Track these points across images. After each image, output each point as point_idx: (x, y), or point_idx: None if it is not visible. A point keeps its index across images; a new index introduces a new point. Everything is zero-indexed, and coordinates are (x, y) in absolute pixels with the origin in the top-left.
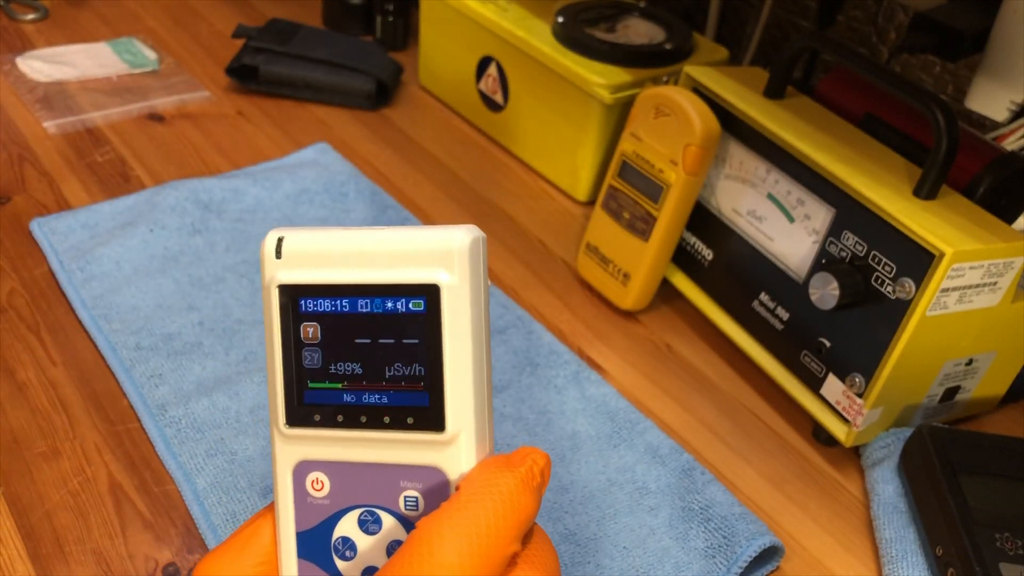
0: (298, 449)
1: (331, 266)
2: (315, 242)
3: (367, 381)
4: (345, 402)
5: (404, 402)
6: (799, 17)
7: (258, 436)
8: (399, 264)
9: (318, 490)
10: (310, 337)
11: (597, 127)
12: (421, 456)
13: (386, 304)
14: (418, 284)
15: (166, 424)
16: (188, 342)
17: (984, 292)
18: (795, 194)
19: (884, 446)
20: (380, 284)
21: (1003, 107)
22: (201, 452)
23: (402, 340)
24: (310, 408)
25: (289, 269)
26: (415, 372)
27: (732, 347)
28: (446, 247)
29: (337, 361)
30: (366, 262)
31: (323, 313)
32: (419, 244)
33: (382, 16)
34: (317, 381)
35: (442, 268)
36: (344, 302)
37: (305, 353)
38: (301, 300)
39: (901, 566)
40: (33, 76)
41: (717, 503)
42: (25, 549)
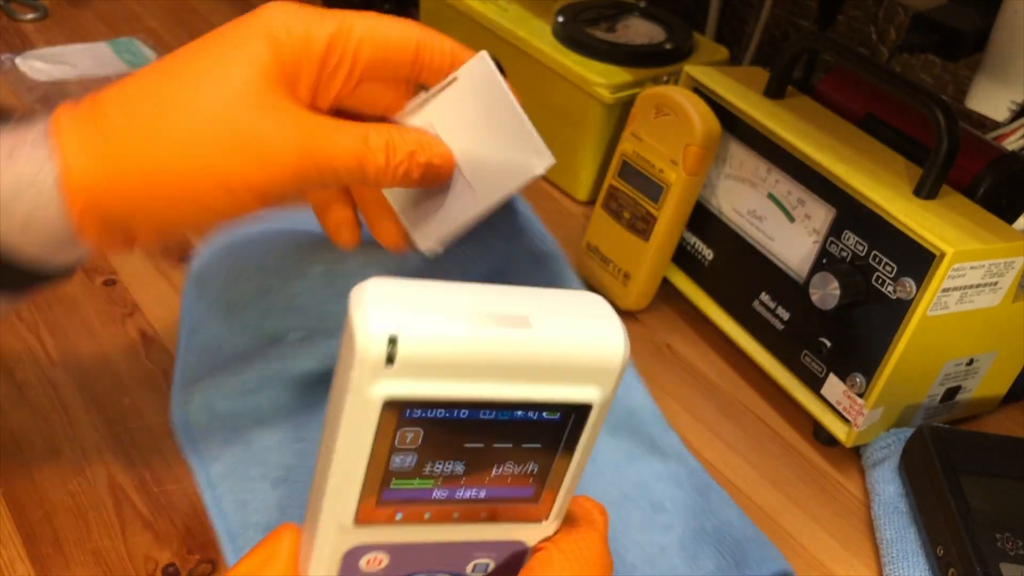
0: (358, 537)
1: (457, 377)
2: (442, 347)
3: (467, 479)
4: (435, 499)
5: (507, 495)
6: (799, 17)
7: (275, 427)
8: (543, 378)
9: (372, 567)
10: (407, 443)
11: (597, 127)
12: (505, 534)
13: (515, 414)
14: (567, 403)
15: (191, 411)
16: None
17: (985, 292)
18: (795, 194)
19: (885, 446)
20: (517, 401)
21: (1003, 107)
22: (218, 440)
23: (521, 444)
24: (389, 505)
25: (403, 380)
26: (528, 470)
27: (732, 347)
28: (604, 363)
29: (436, 461)
30: (504, 374)
31: (431, 419)
32: (571, 356)
33: None
34: (404, 480)
35: (595, 386)
36: (463, 412)
37: (395, 459)
38: (407, 410)
39: (902, 566)
40: (33, 76)
41: (731, 525)
42: (25, 549)
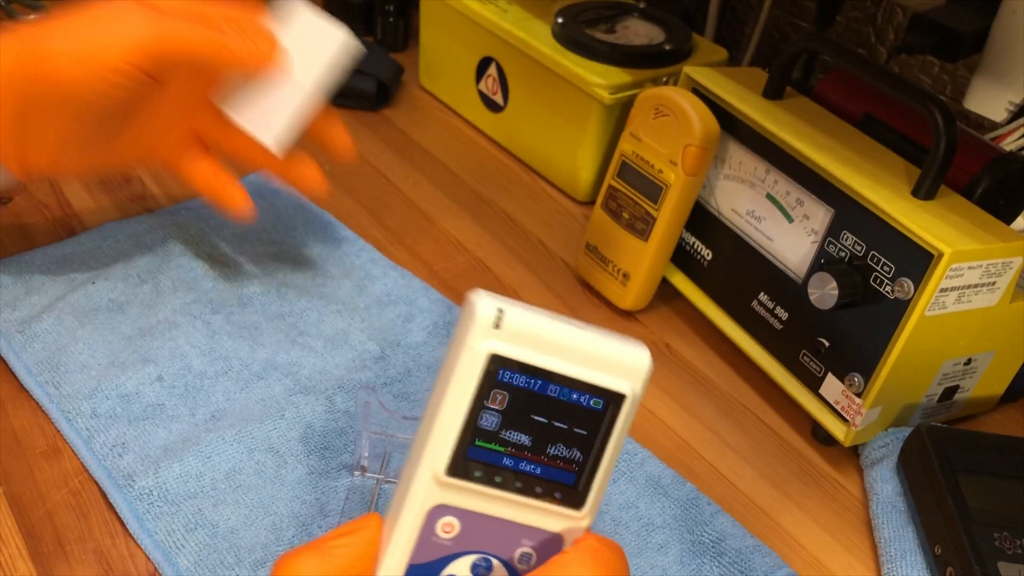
0: (442, 494)
1: (541, 350)
2: (533, 325)
3: (530, 452)
4: (505, 465)
5: (556, 477)
6: (798, 18)
7: (238, 504)
8: (594, 365)
9: (447, 532)
10: (496, 403)
11: (597, 127)
12: (549, 523)
13: (571, 395)
14: (609, 389)
15: (136, 498)
16: (149, 403)
17: (983, 292)
18: (794, 194)
19: (883, 445)
20: (575, 379)
21: (1002, 107)
22: (179, 527)
23: (572, 427)
24: (472, 463)
25: (504, 342)
26: (573, 455)
27: (732, 347)
28: (637, 365)
29: (510, 429)
30: (568, 356)
31: (515, 386)
32: (615, 353)
33: (382, 17)
34: (485, 441)
35: (629, 381)
36: (537, 382)
37: (484, 415)
38: (501, 370)
39: (900, 565)
40: None
41: (729, 535)
42: (26, 548)
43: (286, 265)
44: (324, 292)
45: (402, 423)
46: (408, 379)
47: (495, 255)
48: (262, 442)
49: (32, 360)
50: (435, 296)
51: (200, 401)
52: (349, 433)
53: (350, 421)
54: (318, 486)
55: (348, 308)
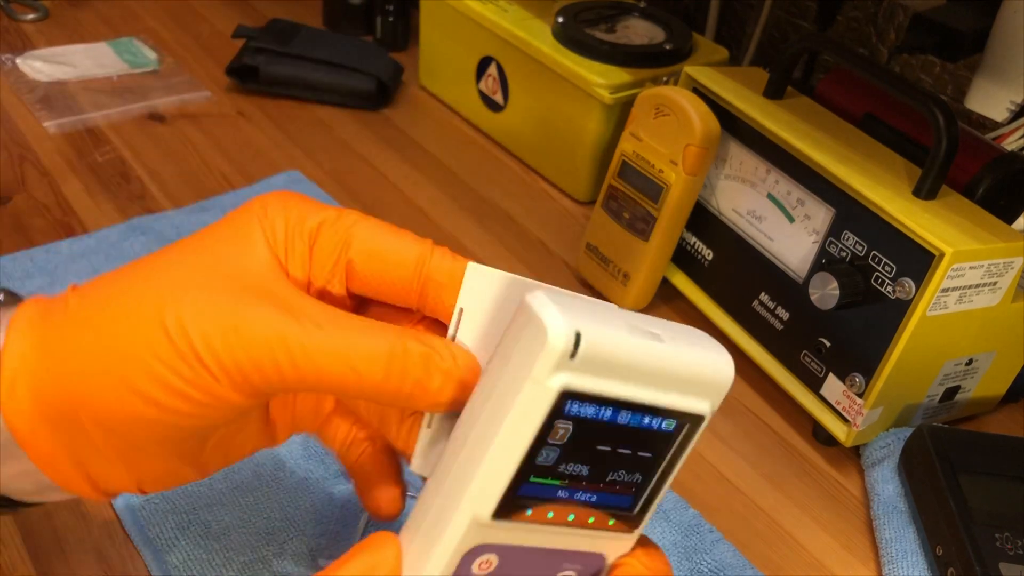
0: (484, 534)
1: (617, 377)
2: (612, 348)
3: (587, 482)
4: (558, 498)
5: (611, 503)
6: (799, 17)
7: (233, 505)
8: (674, 387)
9: (483, 570)
10: (558, 438)
11: (597, 127)
12: (595, 545)
13: (643, 420)
14: (687, 412)
15: (132, 494)
16: None
17: (984, 292)
18: (795, 194)
19: (884, 446)
20: (651, 405)
21: (1003, 107)
22: (172, 525)
23: (637, 452)
24: (523, 501)
25: (579, 374)
26: (634, 479)
27: (732, 347)
28: (719, 380)
29: (570, 462)
30: (647, 380)
31: (581, 418)
32: (697, 370)
33: (382, 16)
34: (540, 477)
35: (709, 400)
36: (608, 411)
37: (544, 451)
38: (570, 402)
39: (901, 566)
40: (33, 76)
41: (728, 566)
42: (26, 548)
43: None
44: None
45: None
46: None
47: (495, 255)
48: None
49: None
50: None
51: None
52: None
53: None
54: (314, 492)
55: None
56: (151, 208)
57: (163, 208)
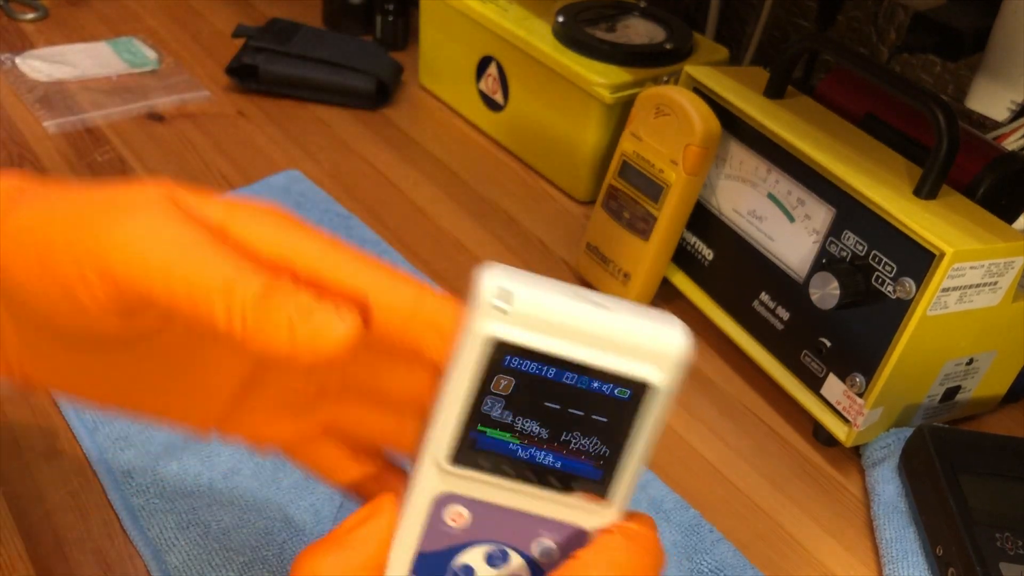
0: (447, 482)
1: (552, 335)
2: (546, 306)
3: (544, 443)
4: (517, 456)
5: (575, 469)
6: (799, 17)
7: (233, 505)
8: (617, 351)
9: (455, 521)
10: (500, 388)
11: (597, 127)
12: (570, 515)
13: (592, 383)
14: (635, 379)
15: (132, 493)
16: None
17: (984, 292)
18: (795, 194)
19: (884, 446)
20: (593, 367)
21: (1003, 107)
22: (172, 525)
23: (591, 415)
24: (478, 453)
25: (511, 326)
26: (594, 446)
27: (732, 347)
28: (669, 350)
29: (519, 416)
30: (588, 341)
31: (523, 372)
32: (643, 338)
33: (382, 16)
34: (492, 428)
35: (658, 368)
36: (550, 370)
37: (488, 400)
38: (508, 356)
39: (901, 566)
40: (33, 76)
41: (728, 565)
42: (25, 549)
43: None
44: None
45: None
46: None
47: (495, 255)
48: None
49: None
50: None
51: None
52: None
53: None
54: (314, 491)
55: None
56: None
57: None
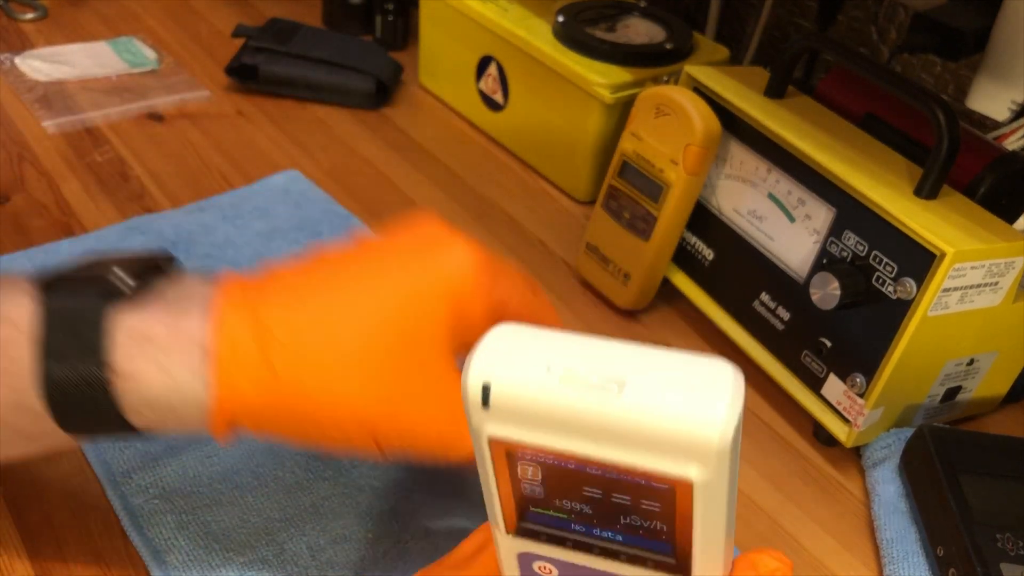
0: (521, 545)
1: (545, 430)
2: (525, 400)
3: (599, 520)
4: (575, 530)
5: (642, 545)
6: (800, 17)
7: (233, 505)
8: (633, 446)
9: (545, 572)
10: (529, 476)
11: (597, 127)
12: None
13: (616, 475)
14: (663, 476)
15: (132, 493)
16: None
17: (985, 292)
18: (796, 194)
19: (885, 446)
20: (609, 463)
21: (1004, 107)
22: (171, 525)
23: (639, 501)
24: (536, 527)
25: (499, 423)
26: (653, 526)
27: (732, 347)
28: (704, 438)
29: (564, 499)
30: (591, 435)
31: (543, 463)
32: (665, 428)
33: (382, 16)
34: (540, 508)
35: (694, 461)
36: (569, 463)
37: (525, 486)
38: (517, 452)
39: (902, 566)
40: (32, 76)
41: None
42: (25, 549)
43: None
44: None
45: None
46: None
47: (495, 254)
48: (262, 444)
49: None
50: None
51: None
52: None
53: None
54: (315, 491)
55: None
56: (150, 208)
57: (162, 208)
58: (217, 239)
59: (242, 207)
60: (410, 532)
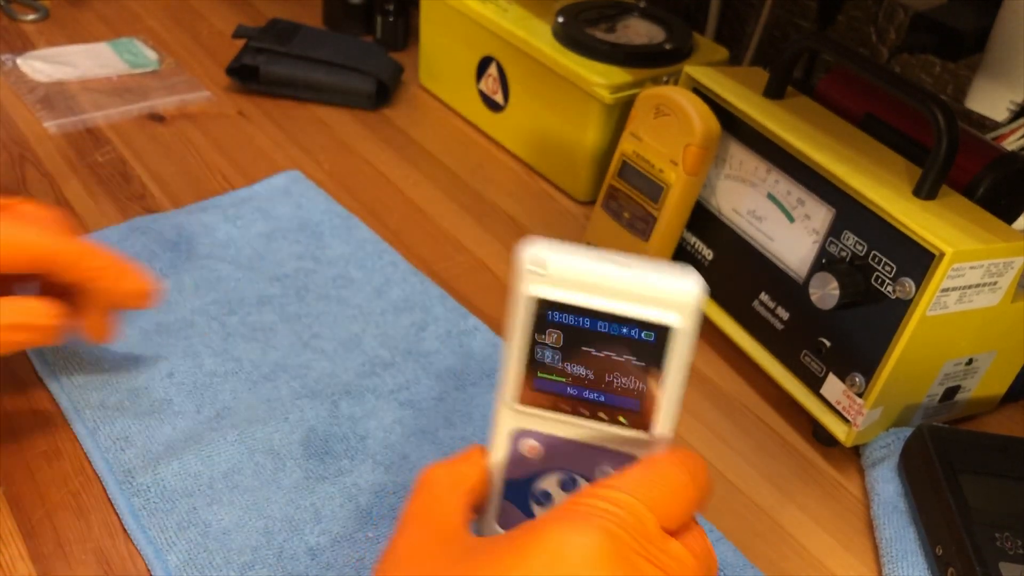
0: (520, 420)
1: (583, 291)
2: (574, 267)
3: (590, 382)
4: (568, 394)
5: (620, 404)
6: (799, 17)
7: (233, 505)
8: (640, 301)
9: (531, 452)
10: (551, 341)
11: (597, 127)
12: (622, 446)
13: (621, 329)
14: (654, 323)
15: (133, 493)
16: (156, 399)
17: (984, 292)
18: (795, 194)
19: (884, 446)
20: (622, 316)
21: (1003, 107)
22: (172, 525)
23: (626, 357)
24: (538, 393)
25: (548, 286)
26: (632, 383)
27: (732, 347)
28: (683, 297)
29: (567, 362)
30: (613, 294)
31: (565, 324)
32: (659, 288)
33: (382, 16)
34: (548, 373)
35: (676, 312)
36: (586, 320)
37: (541, 350)
38: (550, 312)
39: (901, 565)
40: (34, 76)
41: (728, 565)
42: (26, 549)
43: (308, 265)
44: (342, 295)
45: None
46: (415, 387)
47: (495, 255)
48: (263, 443)
49: (48, 350)
50: (451, 304)
51: (207, 399)
52: (351, 438)
53: (353, 427)
54: (315, 491)
55: (364, 313)
56: (151, 208)
57: (164, 208)
58: (218, 239)
59: (243, 207)
60: None
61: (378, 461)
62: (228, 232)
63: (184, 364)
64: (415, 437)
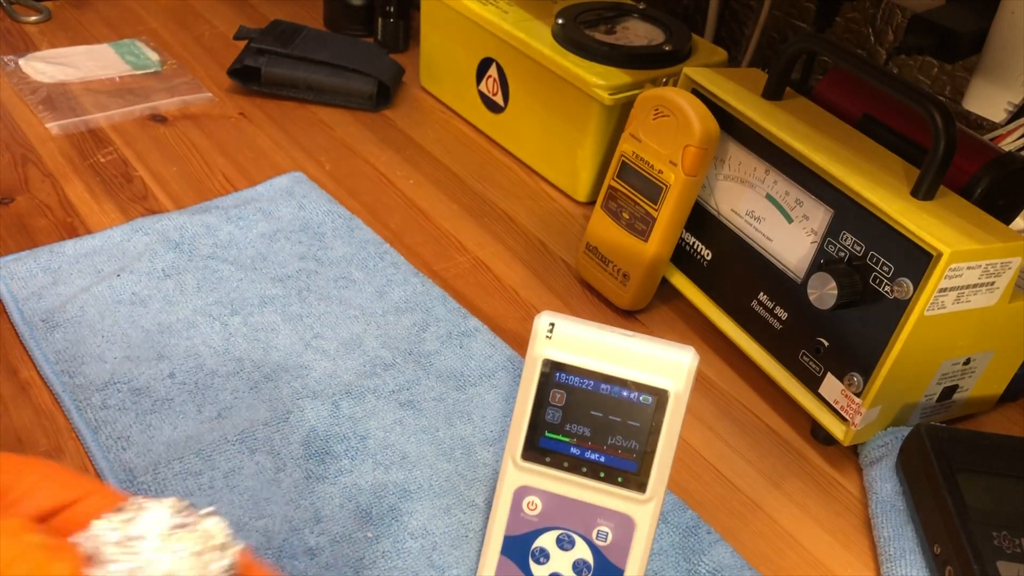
0: (523, 477)
1: (587, 355)
2: (579, 333)
3: (592, 443)
4: (572, 454)
5: (617, 464)
6: (797, 19)
7: (233, 505)
8: (640, 367)
9: (531, 509)
10: (556, 400)
11: (597, 128)
12: (619, 505)
13: (622, 393)
14: (653, 386)
15: (134, 493)
16: (158, 399)
17: (982, 292)
18: (793, 195)
19: (882, 445)
20: (623, 378)
21: (1001, 108)
22: None
23: (627, 421)
24: (543, 451)
25: (556, 349)
26: (631, 445)
27: (731, 347)
28: (678, 365)
29: (572, 423)
30: (616, 359)
31: (571, 385)
32: (657, 356)
33: (383, 18)
34: (553, 433)
35: (671, 379)
36: (590, 382)
37: (548, 410)
38: (557, 373)
39: (899, 564)
40: (36, 77)
41: (726, 566)
42: None
43: (310, 266)
44: (344, 296)
45: None
46: (415, 387)
47: (495, 255)
48: (263, 444)
49: (51, 350)
50: (452, 306)
51: (208, 399)
52: (351, 439)
53: (353, 427)
54: (315, 491)
55: (365, 313)
56: (153, 209)
57: (165, 209)
58: (220, 239)
59: (245, 208)
60: (410, 532)
61: (378, 461)
62: (230, 233)
63: (186, 364)
64: (415, 437)
